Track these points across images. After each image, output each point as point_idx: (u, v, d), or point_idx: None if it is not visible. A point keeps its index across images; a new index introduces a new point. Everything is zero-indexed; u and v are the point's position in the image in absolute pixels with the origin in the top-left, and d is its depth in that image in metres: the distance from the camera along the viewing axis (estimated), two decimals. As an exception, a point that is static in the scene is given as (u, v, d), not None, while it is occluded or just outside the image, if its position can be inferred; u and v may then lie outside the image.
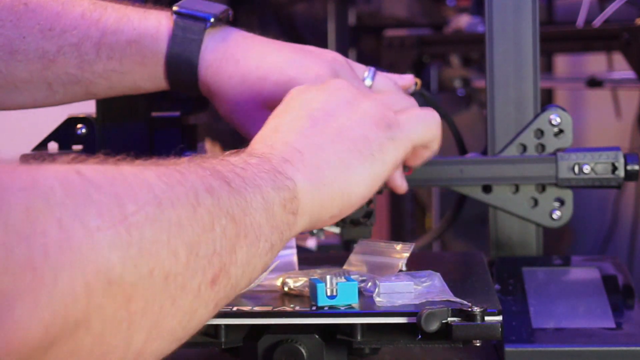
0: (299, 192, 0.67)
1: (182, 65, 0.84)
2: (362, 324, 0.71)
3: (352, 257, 0.83)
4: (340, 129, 0.72)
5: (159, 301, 0.53)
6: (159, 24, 0.84)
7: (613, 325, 0.77)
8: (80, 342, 0.49)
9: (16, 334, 0.46)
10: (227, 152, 0.67)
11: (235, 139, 0.85)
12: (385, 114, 0.75)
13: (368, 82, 0.88)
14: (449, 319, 0.69)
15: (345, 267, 0.82)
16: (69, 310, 0.48)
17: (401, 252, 0.81)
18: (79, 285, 0.48)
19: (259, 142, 0.71)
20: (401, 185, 0.88)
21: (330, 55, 0.86)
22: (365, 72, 0.89)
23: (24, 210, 0.47)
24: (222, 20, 0.86)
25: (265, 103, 0.83)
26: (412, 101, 0.85)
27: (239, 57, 0.84)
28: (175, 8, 0.85)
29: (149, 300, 0.52)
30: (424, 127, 0.78)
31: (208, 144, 1.92)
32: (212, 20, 0.85)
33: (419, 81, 0.94)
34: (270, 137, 0.71)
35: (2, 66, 0.84)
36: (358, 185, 0.72)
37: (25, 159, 0.91)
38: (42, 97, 0.87)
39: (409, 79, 0.93)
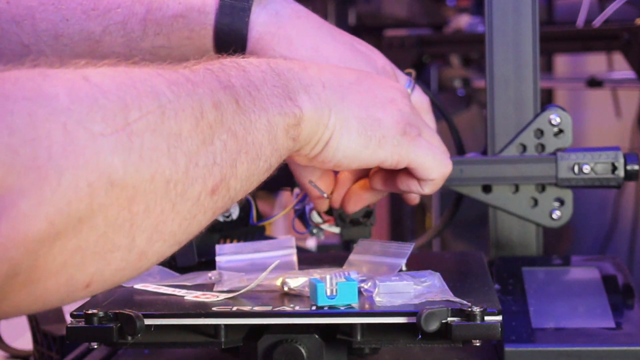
0: (303, 120, 0.69)
1: (231, 35, 0.82)
2: (362, 324, 0.71)
3: (352, 257, 0.83)
4: (369, 99, 0.75)
5: (160, 205, 0.56)
6: None
7: (613, 325, 0.77)
8: (85, 238, 0.53)
9: (22, 226, 0.49)
10: (257, 59, 0.70)
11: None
12: (411, 124, 0.76)
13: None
14: (449, 318, 0.69)
15: (345, 267, 0.82)
16: (72, 207, 0.51)
17: (401, 252, 0.81)
18: (82, 185, 0.51)
19: (293, 62, 0.73)
20: (414, 197, 0.90)
21: (380, 63, 0.86)
22: (405, 82, 0.89)
23: (28, 116, 0.50)
24: None
25: None
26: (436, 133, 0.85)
27: (292, 38, 0.83)
28: None
29: (150, 204, 0.55)
30: (430, 162, 0.78)
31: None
32: None
33: (413, 72, 0.94)
34: (307, 64, 0.74)
35: (48, 51, 0.83)
36: (342, 150, 0.74)
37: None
38: None
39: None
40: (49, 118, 0.50)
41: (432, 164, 0.78)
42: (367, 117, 0.74)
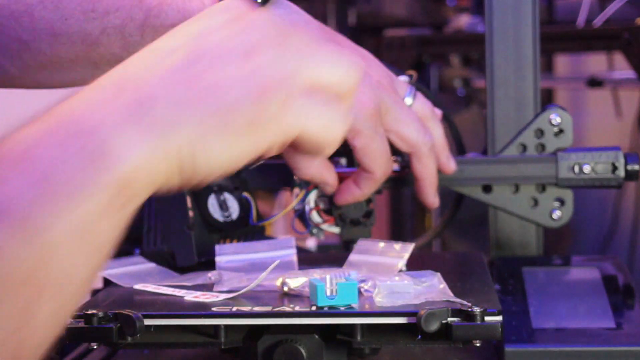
0: (136, 169, 0.51)
1: None
2: (362, 324, 0.71)
3: (352, 257, 0.83)
4: (212, 79, 0.55)
5: None
6: (202, 5, 0.80)
7: (613, 326, 0.77)
8: None
9: None
10: (51, 117, 0.50)
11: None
12: (279, 78, 0.57)
13: (408, 100, 0.88)
14: (449, 319, 0.69)
15: (344, 267, 0.82)
16: None
17: (401, 252, 0.81)
18: None
19: (106, 79, 0.54)
20: (433, 201, 0.90)
21: (375, 76, 0.81)
22: (405, 91, 0.88)
23: None
24: None
25: None
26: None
27: None
28: None
29: None
30: (322, 129, 0.59)
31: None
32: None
33: (415, 74, 0.94)
34: (126, 67, 0.55)
35: (46, 48, 0.82)
36: (214, 160, 0.55)
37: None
38: (89, 75, 0.83)
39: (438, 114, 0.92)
40: None
41: (324, 131, 0.59)
42: (219, 108, 0.54)
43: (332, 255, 1.01)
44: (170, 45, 0.56)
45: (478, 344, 0.69)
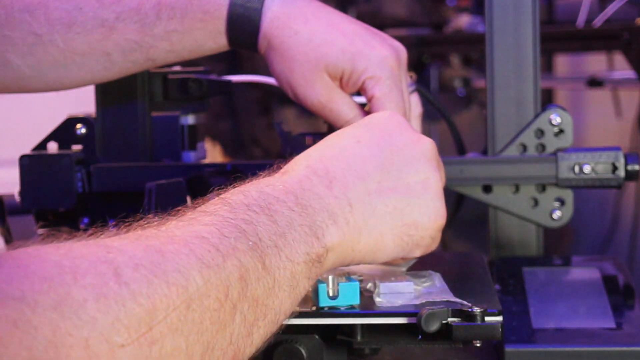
0: (330, 250, 0.66)
1: (245, 16, 0.83)
2: (362, 325, 0.71)
3: (352, 258, 0.83)
4: (401, 196, 0.70)
5: None
6: None
7: (613, 326, 0.77)
8: None
9: None
10: (284, 186, 0.65)
11: (235, 139, 0.84)
12: (444, 216, 0.73)
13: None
14: (449, 319, 0.69)
15: (345, 267, 0.82)
16: None
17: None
18: None
19: (316, 175, 0.67)
20: None
21: (397, 44, 0.86)
22: (409, 79, 0.89)
23: (51, 332, 0.46)
24: None
25: (327, 67, 0.83)
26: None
27: (308, 16, 0.83)
28: None
29: None
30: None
31: (208, 144, 1.91)
32: None
33: (414, 75, 0.94)
34: (330, 171, 0.68)
35: (59, 40, 0.83)
36: (382, 256, 0.71)
37: (25, 159, 0.91)
38: (101, 69, 0.85)
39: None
40: (71, 332, 0.47)
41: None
42: (403, 224, 0.70)
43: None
44: (367, 153, 0.70)
45: (478, 344, 0.69)
